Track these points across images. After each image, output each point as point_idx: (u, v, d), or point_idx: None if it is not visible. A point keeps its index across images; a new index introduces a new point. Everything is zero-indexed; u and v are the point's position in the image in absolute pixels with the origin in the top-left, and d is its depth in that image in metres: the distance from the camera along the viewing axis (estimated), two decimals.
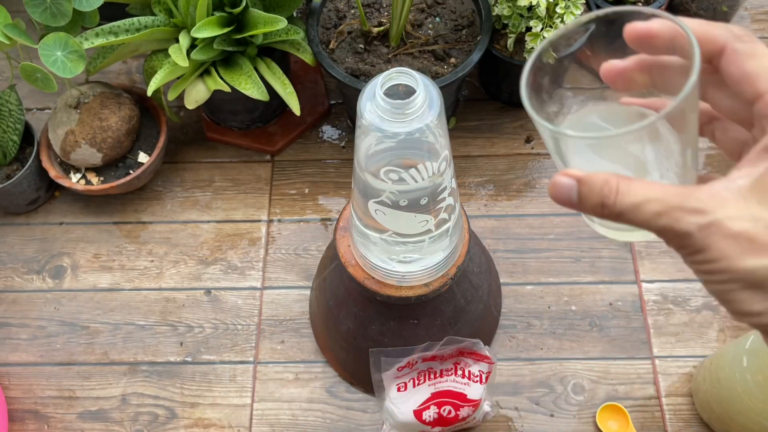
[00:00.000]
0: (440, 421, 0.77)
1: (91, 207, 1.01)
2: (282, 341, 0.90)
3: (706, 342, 0.88)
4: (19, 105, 0.92)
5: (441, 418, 0.77)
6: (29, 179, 0.95)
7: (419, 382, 0.76)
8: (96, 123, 0.92)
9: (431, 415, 0.76)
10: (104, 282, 0.95)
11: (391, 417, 0.78)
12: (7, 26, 0.79)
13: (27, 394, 0.88)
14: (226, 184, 1.02)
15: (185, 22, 0.84)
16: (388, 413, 0.78)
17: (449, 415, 0.76)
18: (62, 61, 0.79)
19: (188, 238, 0.98)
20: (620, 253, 0.94)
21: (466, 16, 0.95)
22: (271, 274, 0.95)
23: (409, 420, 0.76)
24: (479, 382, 0.76)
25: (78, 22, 0.83)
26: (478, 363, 0.76)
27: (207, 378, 0.88)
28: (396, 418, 0.77)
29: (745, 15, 1.15)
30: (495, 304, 0.88)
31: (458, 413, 0.77)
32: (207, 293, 0.94)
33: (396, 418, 0.77)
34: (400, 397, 0.76)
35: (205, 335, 0.91)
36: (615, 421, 0.83)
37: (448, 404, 0.76)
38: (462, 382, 0.76)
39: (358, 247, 0.66)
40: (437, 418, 0.77)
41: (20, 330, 0.92)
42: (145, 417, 0.86)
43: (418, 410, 0.76)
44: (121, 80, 1.11)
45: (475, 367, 0.76)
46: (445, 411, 0.76)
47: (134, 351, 0.90)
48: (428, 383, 0.76)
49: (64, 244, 0.98)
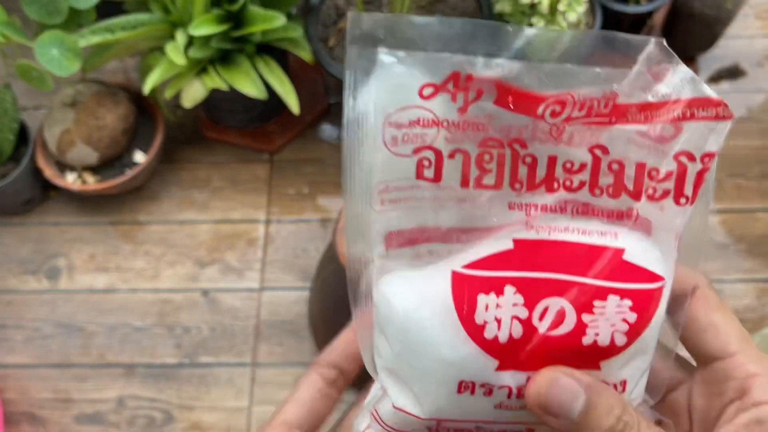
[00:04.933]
0: (536, 350, 0.25)
1: (87, 207, 1.00)
2: (280, 343, 0.89)
3: None
4: (14, 103, 0.91)
5: (533, 340, 0.25)
6: (24, 179, 0.94)
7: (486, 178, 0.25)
8: (92, 122, 0.91)
9: (505, 317, 0.24)
10: (100, 283, 0.94)
11: (387, 325, 0.27)
12: (3, 23, 0.78)
13: (22, 396, 0.87)
14: (223, 184, 1.01)
15: (182, 19, 0.83)
16: (382, 309, 0.27)
17: (556, 330, 0.24)
18: (58, 59, 0.78)
19: (185, 239, 0.97)
20: None
21: (467, 14, 0.94)
22: (269, 275, 0.93)
23: (430, 328, 0.25)
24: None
25: (74, 19, 0.82)
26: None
27: (204, 380, 0.87)
28: (396, 323, 0.26)
29: (749, 13, 1.15)
30: None
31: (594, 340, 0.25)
32: (204, 294, 0.93)
33: (396, 323, 0.26)
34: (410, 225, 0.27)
35: (202, 337, 0.90)
36: None
37: (559, 295, 0.24)
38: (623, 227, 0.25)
39: None
40: (523, 335, 0.24)
41: (15, 331, 0.91)
42: (141, 420, 0.85)
43: (466, 290, 0.25)
44: (118, 78, 1.10)
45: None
46: (550, 319, 0.24)
47: (130, 353, 0.89)
48: (513, 199, 0.25)
49: (59, 244, 0.97)
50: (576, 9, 0.83)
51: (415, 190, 0.24)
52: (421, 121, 0.23)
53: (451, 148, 0.23)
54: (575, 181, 0.24)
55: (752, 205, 0.96)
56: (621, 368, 0.25)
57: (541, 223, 0.24)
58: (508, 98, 0.23)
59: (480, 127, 0.23)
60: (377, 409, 0.27)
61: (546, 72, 0.23)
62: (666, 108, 0.23)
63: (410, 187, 0.24)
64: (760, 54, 1.10)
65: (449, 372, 0.24)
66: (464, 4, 0.95)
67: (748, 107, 1.05)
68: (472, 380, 0.24)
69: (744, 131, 1.03)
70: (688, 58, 1.08)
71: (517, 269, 0.24)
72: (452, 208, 0.24)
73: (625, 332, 0.24)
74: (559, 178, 0.24)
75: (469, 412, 0.25)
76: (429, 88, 0.23)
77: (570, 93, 0.23)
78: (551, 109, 0.23)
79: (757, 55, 1.10)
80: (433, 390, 0.25)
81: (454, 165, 0.24)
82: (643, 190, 0.24)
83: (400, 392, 0.26)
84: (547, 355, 0.24)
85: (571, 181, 0.24)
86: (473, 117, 0.23)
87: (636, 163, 0.24)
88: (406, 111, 0.23)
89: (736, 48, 1.11)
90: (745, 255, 0.92)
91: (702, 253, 0.26)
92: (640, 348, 0.25)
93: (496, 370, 0.24)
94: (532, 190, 0.24)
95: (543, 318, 0.24)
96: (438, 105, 0.23)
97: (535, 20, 0.85)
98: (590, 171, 0.24)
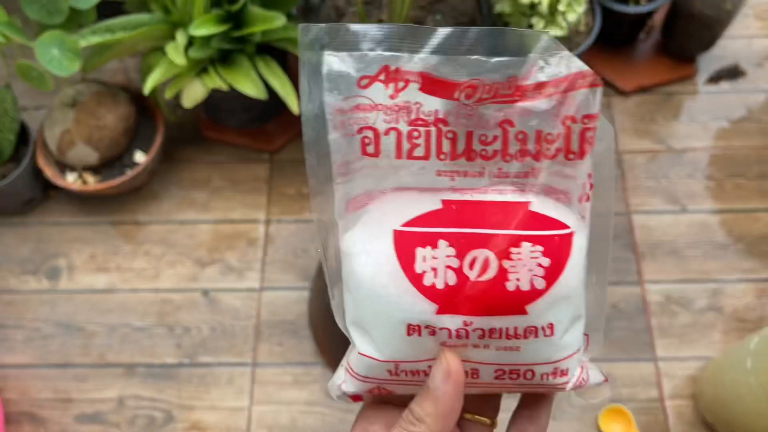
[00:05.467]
0: (467, 292, 0.29)
1: (88, 207, 1.00)
2: (280, 343, 0.89)
3: (710, 344, 0.87)
4: (14, 104, 0.91)
5: (466, 286, 0.29)
6: (25, 179, 0.94)
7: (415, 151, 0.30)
8: (92, 122, 0.91)
9: (440, 267, 0.29)
10: (100, 283, 0.94)
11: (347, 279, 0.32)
12: (3, 24, 0.78)
13: (23, 396, 0.87)
14: (223, 184, 1.01)
15: (183, 19, 0.83)
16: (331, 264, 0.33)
17: (483, 276, 0.28)
18: (58, 60, 0.78)
19: (185, 239, 0.97)
20: (623, 253, 0.93)
21: (467, 14, 0.94)
22: (269, 275, 0.93)
23: (379, 278, 0.29)
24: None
25: (74, 19, 0.82)
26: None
27: (204, 380, 0.87)
28: (355, 277, 0.30)
29: (749, 13, 1.15)
30: None
31: (517, 286, 0.29)
32: (204, 294, 0.93)
33: (355, 277, 0.30)
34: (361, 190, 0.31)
35: (202, 337, 0.90)
36: (618, 423, 0.82)
37: (484, 246, 0.29)
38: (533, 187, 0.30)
39: None
40: (457, 282, 0.28)
41: (16, 331, 0.91)
42: (141, 420, 0.85)
43: (405, 245, 0.29)
44: (118, 78, 1.10)
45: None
46: (477, 267, 0.28)
47: (131, 353, 0.89)
48: (441, 167, 0.30)
49: (60, 244, 0.97)
50: (576, 9, 0.83)
51: (363, 163, 0.29)
52: (361, 107, 0.28)
53: (386, 127, 0.28)
54: (490, 150, 0.29)
55: (752, 205, 0.96)
56: (545, 312, 0.29)
57: (464, 186, 0.29)
58: (430, 86, 0.28)
59: (409, 110, 0.28)
60: (348, 360, 0.32)
61: (460, 63, 0.28)
62: (555, 84, 0.28)
63: (359, 161, 0.29)
64: (759, 54, 1.10)
65: (398, 316, 0.29)
66: (464, 4, 0.95)
67: (748, 107, 1.05)
68: (417, 323, 0.29)
69: (743, 131, 1.03)
70: (687, 59, 1.08)
71: (447, 226, 0.29)
72: (391, 176, 0.29)
73: (543, 276, 0.28)
74: (476, 149, 0.29)
75: (419, 352, 0.29)
76: (365, 80, 0.28)
77: (480, 79, 0.28)
78: (465, 92, 0.28)
79: (756, 56, 1.10)
80: (387, 334, 0.29)
81: (389, 141, 0.29)
82: (542, 152, 0.29)
83: (363, 340, 0.30)
84: (479, 301, 0.28)
85: (487, 151, 0.29)
86: (403, 102, 0.28)
87: (535, 131, 0.29)
88: (349, 99, 0.28)
89: (736, 48, 1.11)
90: (745, 255, 0.92)
91: (612, 197, 0.32)
92: (563, 294, 0.29)
93: (436, 314, 0.29)
94: (455, 159, 0.29)
95: (472, 267, 0.28)
96: (373, 93, 0.28)
97: (535, 21, 0.85)
98: (501, 142, 0.29)
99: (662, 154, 1.01)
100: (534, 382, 0.31)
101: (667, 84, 1.08)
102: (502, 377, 0.30)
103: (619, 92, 1.07)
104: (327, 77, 0.28)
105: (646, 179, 0.99)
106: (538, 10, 0.84)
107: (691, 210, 0.96)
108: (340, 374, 0.32)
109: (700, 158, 1.01)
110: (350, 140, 0.29)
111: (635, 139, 1.03)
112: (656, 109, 1.06)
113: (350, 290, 0.31)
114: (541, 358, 0.30)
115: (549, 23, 0.84)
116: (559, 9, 0.83)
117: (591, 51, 1.08)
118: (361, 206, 0.30)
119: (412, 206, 0.29)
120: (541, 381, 0.31)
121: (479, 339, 0.29)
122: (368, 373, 0.31)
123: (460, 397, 0.29)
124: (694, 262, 0.92)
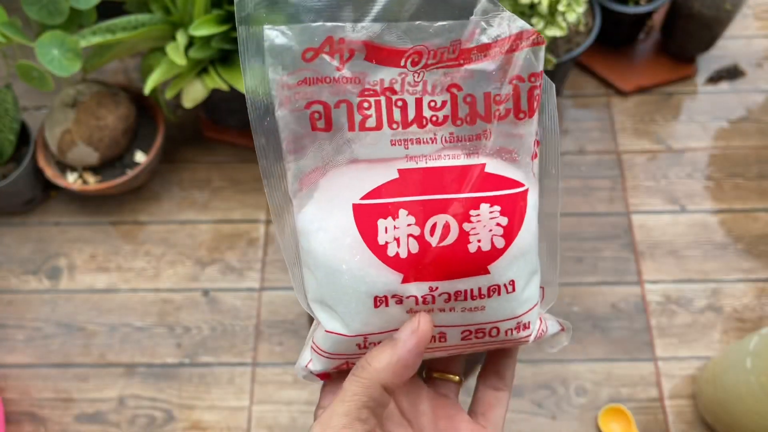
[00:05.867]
0: (428, 261, 0.29)
1: (88, 207, 1.00)
2: (280, 343, 0.89)
3: (710, 343, 0.87)
4: (15, 104, 0.91)
5: (429, 253, 0.29)
6: (25, 179, 0.94)
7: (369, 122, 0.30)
8: (92, 122, 0.91)
9: (402, 236, 0.29)
10: (101, 283, 0.94)
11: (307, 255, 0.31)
12: (4, 24, 0.78)
13: (23, 395, 0.87)
14: (224, 184, 1.01)
15: (183, 19, 0.83)
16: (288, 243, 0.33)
17: (445, 241, 0.29)
18: (59, 60, 0.78)
19: (186, 239, 0.97)
20: (623, 253, 0.93)
21: None
22: (269, 275, 0.94)
23: (340, 253, 0.30)
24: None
25: (75, 20, 0.82)
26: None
27: (205, 380, 0.87)
28: (315, 255, 0.30)
29: (748, 13, 1.15)
30: None
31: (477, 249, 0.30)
32: (205, 294, 0.93)
33: (315, 255, 0.30)
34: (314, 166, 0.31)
35: (202, 337, 0.90)
36: (618, 423, 0.82)
37: (443, 212, 0.29)
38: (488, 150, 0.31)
39: None
40: (420, 250, 0.29)
41: (16, 331, 0.91)
42: (142, 419, 0.85)
43: (366, 218, 0.29)
44: (118, 79, 1.10)
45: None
46: (439, 233, 0.29)
47: (131, 352, 0.89)
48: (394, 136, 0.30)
49: (60, 244, 0.97)
50: (575, 9, 0.83)
51: (314, 139, 0.29)
52: (307, 80, 0.28)
53: (336, 99, 0.28)
54: (440, 116, 0.29)
55: (751, 205, 0.97)
56: (507, 270, 0.29)
57: (418, 154, 0.29)
58: (376, 54, 0.28)
59: (357, 80, 0.28)
60: (314, 339, 0.31)
61: (403, 29, 0.28)
62: (499, 45, 0.28)
63: (309, 137, 0.28)
64: (759, 54, 1.11)
65: (364, 290, 0.29)
66: None
67: (747, 107, 1.05)
68: (384, 294, 0.29)
69: (743, 131, 1.03)
70: (687, 59, 1.08)
71: (405, 195, 0.29)
72: (345, 149, 0.29)
73: (502, 235, 0.29)
74: (426, 115, 0.29)
75: (387, 323, 0.30)
76: (310, 52, 0.27)
77: (424, 44, 0.28)
78: (411, 59, 0.28)
79: (756, 56, 1.10)
80: (354, 309, 0.29)
81: (340, 114, 0.28)
82: (492, 114, 0.29)
83: (329, 318, 0.30)
84: (442, 265, 0.29)
85: (437, 116, 0.29)
86: (350, 73, 0.28)
87: (484, 93, 0.29)
88: (294, 74, 0.28)
89: (735, 48, 1.11)
90: (744, 255, 0.93)
91: (558, 155, 0.32)
92: (521, 250, 0.30)
93: (402, 283, 0.29)
94: (407, 128, 0.29)
95: (433, 233, 0.29)
96: (319, 65, 0.28)
97: (535, 21, 0.85)
98: (450, 106, 0.29)
99: (661, 154, 1.01)
100: (499, 338, 0.31)
101: (666, 84, 1.08)
102: (468, 338, 0.31)
103: (619, 92, 1.07)
104: (269, 52, 0.27)
105: (646, 179, 0.99)
106: (537, 10, 0.84)
107: (691, 210, 0.97)
108: (306, 355, 0.32)
109: (699, 158, 1.01)
110: (299, 116, 0.28)
111: (634, 139, 1.03)
112: (656, 109, 1.06)
113: (310, 269, 0.30)
114: (505, 314, 0.31)
115: (549, 23, 0.85)
116: (559, 9, 0.83)
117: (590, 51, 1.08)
118: (314, 182, 0.30)
119: (368, 178, 0.29)
120: (506, 336, 0.31)
121: (445, 303, 0.29)
122: (336, 350, 0.31)
123: (418, 355, 0.29)
124: (694, 262, 0.92)
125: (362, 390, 0.28)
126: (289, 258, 0.32)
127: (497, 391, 0.34)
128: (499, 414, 0.34)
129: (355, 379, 0.28)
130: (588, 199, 0.98)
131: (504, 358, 0.35)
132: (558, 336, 0.34)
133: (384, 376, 0.28)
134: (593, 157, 1.01)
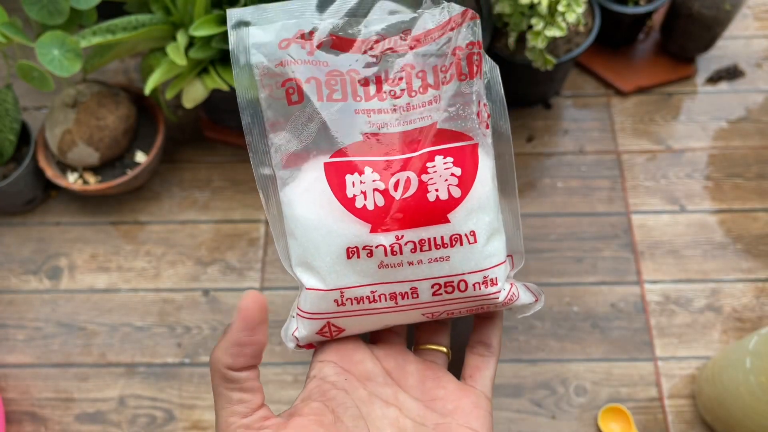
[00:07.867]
0: (395, 211, 0.32)
1: (88, 207, 1.00)
2: (280, 342, 0.89)
3: (709, 343, 0.87)
4: (15, 104, 0.91)
5: (393, 205, 0.32)
6: (26, 179, 0.94)
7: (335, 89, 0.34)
8: (93, 122, 0.92)
9: (368, 190, 0.32)
10: (101, 283, 0.94)
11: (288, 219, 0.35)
12: (4, 24, 0.78)
13: (24, 395, 0.87)
14: (224, 184, 1.01)
15: (183, 20, 0.83)
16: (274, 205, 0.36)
17: (407, 193, 0.32)
18: (59, 60, 0.78)
19: (186, 239, 0.97)
20: (622, 253, 0.93)
21: None
22: (269, 275, 0.94)
23: (317, 209, 0.33)
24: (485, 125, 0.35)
25: (75, 20, 0.82)
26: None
27: (205, 380, 0.87)
28: (296, 217, 0.34)
29: (748, 13, 1.15)
30: None
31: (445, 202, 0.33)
32: (205, 294, 0.93)
33: (296, 217, 0.34)
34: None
35: (203, 336, 0.90)
36: (617, 422, 0.82)
37: (404, 170, 0.33)
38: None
39: None
40: (385, 203, 0.32)
41: (17, 331, 0.91)
42: (142, 419, 0.85)
43: (335, 174, 0.33)
44: (119, 79, 1.10)
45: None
46: (401, 187, 0.32)
47: (132, 352, 0.89)
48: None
49: (60, 244, 0.97)
50: (575, 10, 0.83)
51: (290, 113, 0.33)
52: (283, 63, 0.33)
53: (307, 76, 0.33)
54: (397, 91, 0.34)
55: (751, 205, 0.97)
56: (466, 220, 0.33)
57: (379, 122, 0.34)
58: (341, 44, 0.34)
59: (324, 64, 0.34)
60: (298, 304, 0.35)
61: (363, 23, 0.34)
62: (440, 28, 0.34)
63: (287, 114, 0.33)
64: (758, 54, 1.11)
65: (337, 242, 0.32)
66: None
67: (747, 107, 1.05)
68: (355, 245, 0.32)
69: (742, 131, 1.03)
70: (686, 59, 1.09)
71: (369, 155, 0.33)
72: (315, 117, 0.33)
73: (457, 185, 0.32)
74: (386, 90, 0.34)
75: (360, 276, 0.33)
76: (285, 42, 0.33)
77: (381, 34, 0.34)
78: (370, 47, 0.34)
79: (755, 56, 1.11)
80: (329, 261, 0.33)
81: (310, 88, 0.33)
82: (440, 82, 0.34)
83: (308, 276, 0.34)
84: (406, 215, 0.32)
85: (395, 91, 0.34)
86: (319, 58, 0.33)
87: (432, 68, 0.34)
88: (273, 60, 0.33)
89: (735, 48, 1.11)
90: (744, 255, 0.93)
91: (507, 126, 0.37)
92: (478, 203, 0.33)
93: (370, 233, 0.32)
94: (369, 100, 0.34)
95: (396, 188, 0.32)
96: (293, 51, 0.33)
97: (535, 21, 0.85)
98: (406, 82, 0.34)
99: (661, 155, 1.02)
100: (468, 293, 0.34)
101: (666, 84, 1.08)
102: (439, 292, 0.34)
103: (618, 92, 1.08)
104: (253, 46, 0.33)
105: (645, 179, 0.99)
106: (537, 11, 0.84)
107: (690, 210, 0.97)
108: (292, 324, 0.35)
109: (699, 158, 1.01)
110: (277, 94, 0.33)
111: (634, 140, 1.03)
112: (655, 109, 1.06)
113: (294, 234, 0.34)
114: (470, 266, 0.33)
115: (548, 24, 0.85)
116: (559, 9, 0.83)
117: (590, 51, 1.08)
118: (296, 165, 0.34)
119: (336, 141, 0.33)
120: (475, 291, 0.34)
121: (412, 253, 0.32)
122: (317, 309, 0.34)
123: (246, 329, 0.31)
124: (693, 261, 0.92)
125: (213, 374, 0.31)
126: (275, 229, 0.36)
127: (484, 357, 0.37)
128: (486, 375, 0.36)
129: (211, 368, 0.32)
130: (587, 199, 0.98)
131: (488, 327, 0.37)
132: (532, 305, 0.37)
133: (222, 357, 0.30)
134: (593, 157, 1.02)
